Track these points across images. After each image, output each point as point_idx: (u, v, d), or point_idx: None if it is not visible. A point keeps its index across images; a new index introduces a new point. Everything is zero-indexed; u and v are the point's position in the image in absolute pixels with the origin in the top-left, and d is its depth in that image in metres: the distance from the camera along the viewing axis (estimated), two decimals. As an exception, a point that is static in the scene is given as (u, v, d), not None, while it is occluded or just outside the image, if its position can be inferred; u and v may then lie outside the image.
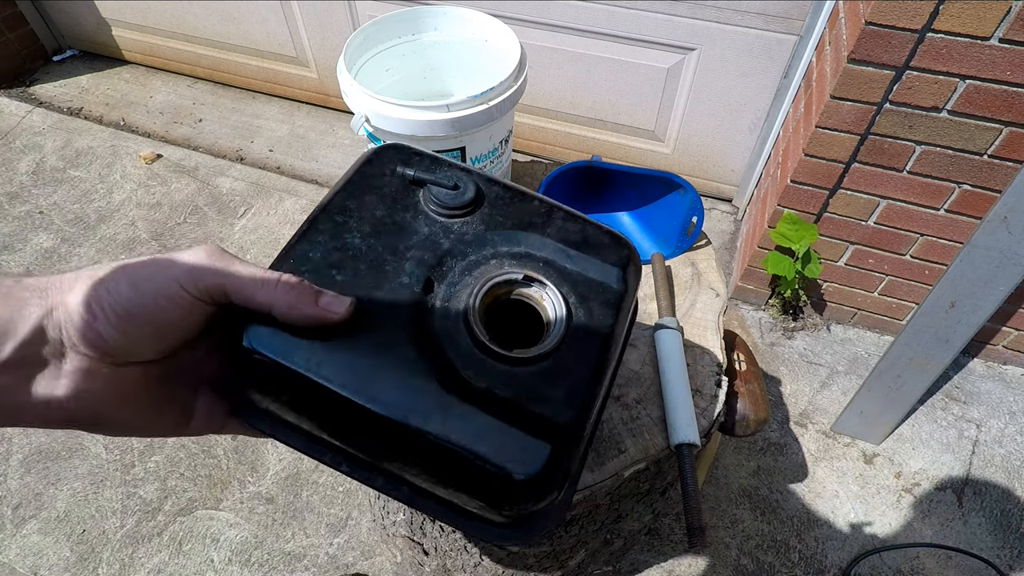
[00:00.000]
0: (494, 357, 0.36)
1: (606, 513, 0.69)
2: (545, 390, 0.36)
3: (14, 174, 1.97)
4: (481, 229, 0.41)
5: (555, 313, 0.39)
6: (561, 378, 0.36)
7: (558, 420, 0.35)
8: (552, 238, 0.42)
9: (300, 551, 1.24)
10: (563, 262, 0.41)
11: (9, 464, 1.36)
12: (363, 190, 0.42)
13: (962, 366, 1.56)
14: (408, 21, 0.88)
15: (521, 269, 0.40)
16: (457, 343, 0.36)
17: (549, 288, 0.39)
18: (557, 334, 0.38)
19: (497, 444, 0.33)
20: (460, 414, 0.33)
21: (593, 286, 0.41)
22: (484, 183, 0.44)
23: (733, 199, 1.90)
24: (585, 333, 0.38)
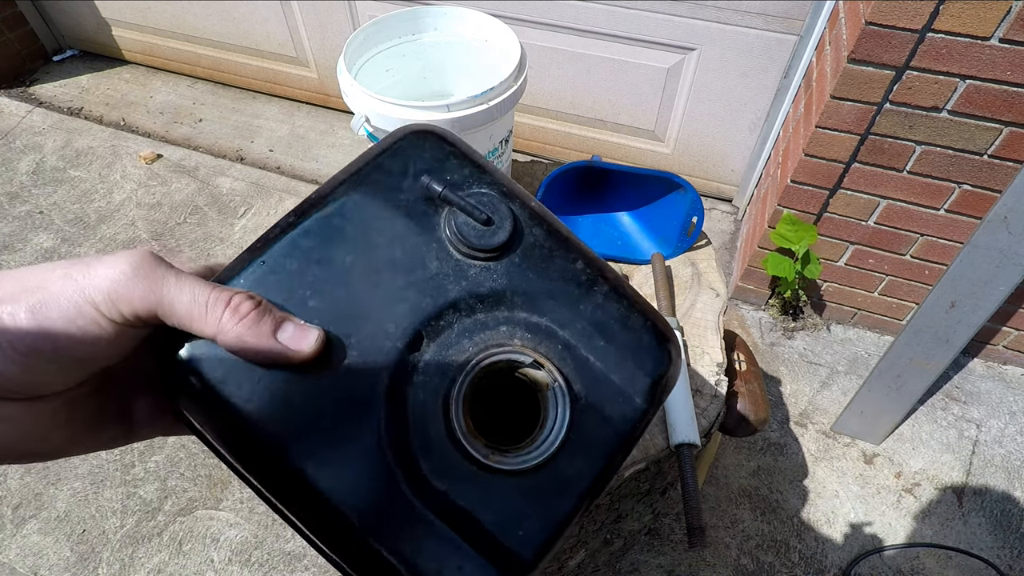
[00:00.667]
0: (466, 457, 0.29)
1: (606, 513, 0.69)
2: (511, 512, 0.28)
3: (14, 174, 1.97)
4: (502, 283, 0.32)
5: (555, 416, 0.31)
6: (540, 503, 0.29)
7: (524, 556, 0.28)
8: (585, 318, 0.33)
9: (300, 551, 1.24)
10: (587, 351, 0.32)
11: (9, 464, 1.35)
12: (374, 190, 0.33)
13: (962, 366, 1.56)
14: (408, 21, 0.88)
15: (534, 348, 0.31)
16: (427, 429, 0.29)
17: (559, 383, 0.31)
18: (550, 445, 0.30)
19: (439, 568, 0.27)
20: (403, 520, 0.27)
21: (613, 394, 0.32)
22: (526, 220, 0.34)
23: (733, 199, 1.90)
24: (583, 452, 0.30)
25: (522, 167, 1.00)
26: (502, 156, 0.86)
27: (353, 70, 0.82)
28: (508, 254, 0.33)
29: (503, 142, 0.84)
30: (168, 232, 1.82)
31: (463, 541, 0.28)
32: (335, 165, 2.03)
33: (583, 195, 0.88)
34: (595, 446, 0.31)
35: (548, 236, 0.34)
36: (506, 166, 0.90)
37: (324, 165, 2.04)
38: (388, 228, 0.32)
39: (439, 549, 0.27)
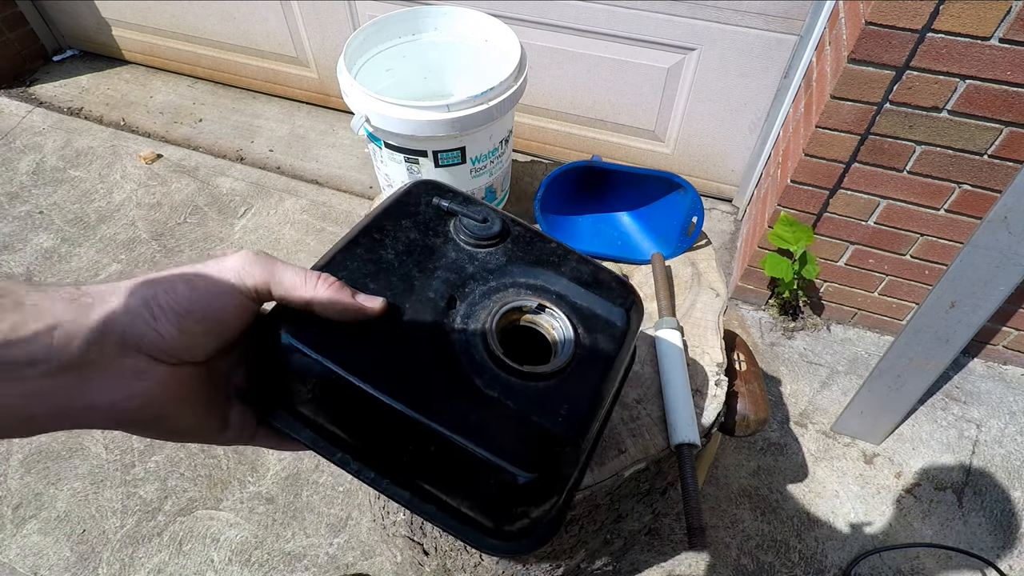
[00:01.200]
0: (505, 370, 0.39)
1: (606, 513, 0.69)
2: (549, 405, 0.38)
3: (14, 174, 1.97)
4: (503, 261, 0.45)
5: (563, 339, 0.42)
6: (564, 396, 0.39)
7: (559, 433, 0.37)
8: (566, 276, 0.46)
9: (300, 551, 1.24)
10: (574, 298, 0.45)
11: (9, 464, 1.36)
12: (399, 215, 0.46)
13: (962, 366, 1.56)
14: (408, 21, 0.88)
15: (536, 298, 0.43)
16: (472, 355, 0.39)
17: (559, 317, 0.43)
18: (564, 357, 0.41)
19: (502, 448, 0.35)
20: (471, 417, 0.36)
21: (599, 322, 0.44)
22: (509, 222, 0.48)
23: (733, 199, 1.90)
24: (589, 360, 0.42)
25: (522, 167, 1.00)
26: (502, 156, 0.86)
27: (353, 70, 0.82)
28: (503, 242, 0.46)
29: (503, 142, 0.84)
30: (168, 232, 1.82)
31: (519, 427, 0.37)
32: (335, 165, 2.03)
33: (583, 195, 0.88)
34: (597, 356, 0.42)
35: (526, 231, 0.48)
36: (506, 166, 0.90)
37: (324, 165, 2.04)
38: (415, 235, 0.45)
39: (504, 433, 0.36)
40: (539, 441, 0.37)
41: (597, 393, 0.41)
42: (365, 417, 0.37)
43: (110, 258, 1.75)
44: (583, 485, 0.60)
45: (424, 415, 0.35)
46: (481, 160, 0.82)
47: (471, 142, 0.78)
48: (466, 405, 0.36)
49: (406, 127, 0.74)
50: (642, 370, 0.70)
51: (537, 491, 0.36)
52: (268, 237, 1.81)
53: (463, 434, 0.35)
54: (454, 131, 0.74)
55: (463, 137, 0.77)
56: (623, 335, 0.44)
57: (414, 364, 0.37)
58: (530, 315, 0.43)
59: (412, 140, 0.77)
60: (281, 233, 1.82)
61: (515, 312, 0.43)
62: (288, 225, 1.85)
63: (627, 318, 0.45)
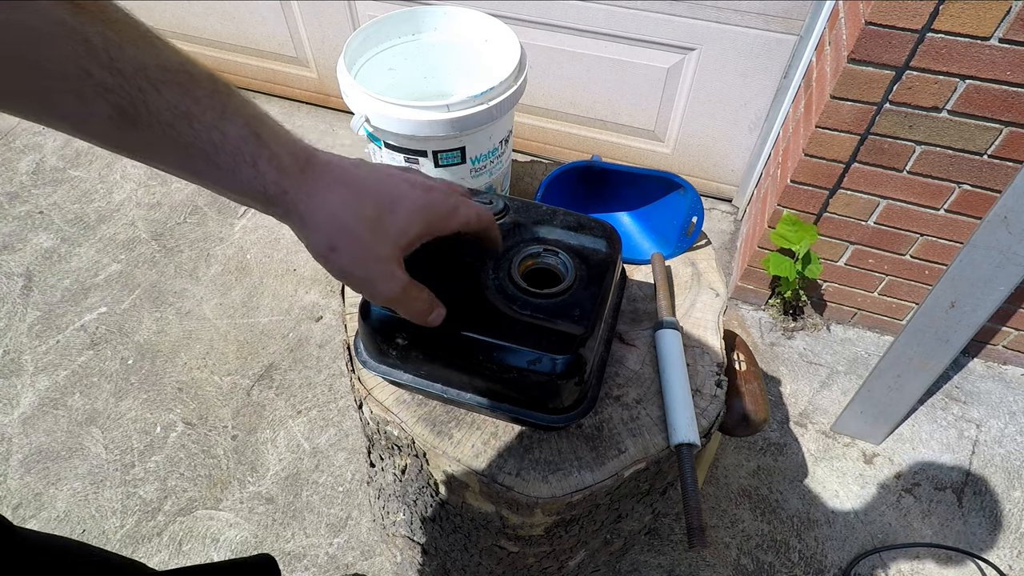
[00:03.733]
0: (531, 295, 0.54)
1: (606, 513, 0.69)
2: (566, 311, 0.54)
3: (14, 174, 1.97)
4: (510, 226, 0.60)
5: (566, 268, 0.57)
6: (575, 303, 0.55)
7: (575, 331, 0.53)
8: (559, 226, 0.61)
9: (300, 551, 1.24)
10: (568, 240, 0.60)
11: (9, 464, 1.35)
12: None
13: (962, 366, 1.56)
14: (408, 21, 0.88)
15: (541, 245, 0.59)
16: (506, 291, 0.55)
17: (561, 255, 0.58)
18: (569, 280, 0.56)
19: (540, 343, 0.52)
20: (515, 329, 0.52)
21: (589, 252, 0.59)
22: (507, 199, 0.62)
23: (733, 199, 1.90)
24: (587, 278, 0.57)
25: (522, 167, 1.00)
26: (502, 156, 0.86)
27: (353, 70, 0.82)
28: (506, 215, 0.61)
29: (503, 142, 0.84)
30: (168, 232, 1.82)
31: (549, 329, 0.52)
32: (335, 165, 2.03)
33: (583, 195, 0.88)
34: (592, 274, 0.57)
35: (522, 203, 0.63)
36: (506, 166, 0.90)
37: (324, 165, 2.03)
38: None
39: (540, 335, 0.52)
40: (564, 335, 0.52)
41: (597, 296, 0.55)
42: (445, 348, 0.54)
43: (110, 258, 1.75)
44: (583, 485, 0.60)
45: (486, 335, 0.52)
46: (481, 160, 0.82)
47: (471, 142, 0.78)
48: (510, 323, 0.52)
49: (406, 127, 0.74)
50: (642, 370, 0.70)
51: (571, 370, 0.53)
52: (268, 237, 1.81)
53: (513, 340, 0.52)
54: (454, 131, 0.74)
55: (463, 137, 0.77)
56: (608, 256, 0.59)
57: (471, 306, 0.53)
58: (540, 258, 0.58)
59: (412, 140, 0.77)
60: (281, 233, 1.82)
61: (529, 258, 0.58)
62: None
63: (608, 244, 0.60)
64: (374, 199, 0.38)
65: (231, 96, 0.33)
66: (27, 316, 1.62)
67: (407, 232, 0.40)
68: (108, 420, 1.43)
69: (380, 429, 0.67)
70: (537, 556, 0.74)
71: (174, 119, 0.30)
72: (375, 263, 0.38)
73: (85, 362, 1.53)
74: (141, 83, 0.29)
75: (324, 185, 0.36)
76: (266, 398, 1.47)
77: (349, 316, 0.73)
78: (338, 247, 0.37)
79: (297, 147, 0.36)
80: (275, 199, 0.35)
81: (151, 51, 0.29)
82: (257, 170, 0.33)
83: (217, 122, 0.31)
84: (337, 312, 1.62)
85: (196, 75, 0.31)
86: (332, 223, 0.36)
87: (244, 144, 0.33)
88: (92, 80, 0.27)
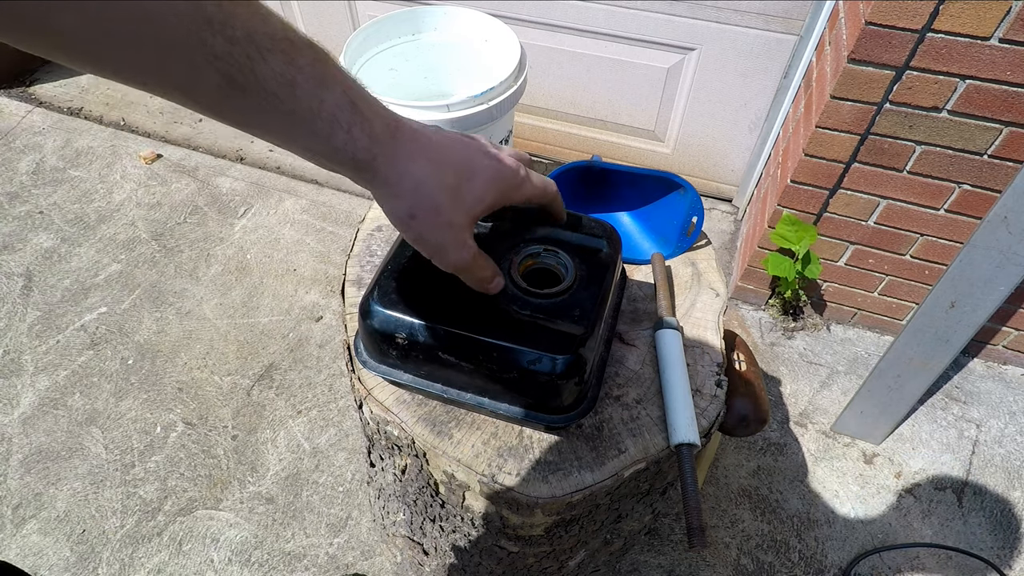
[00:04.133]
0: (531, 296, 0.55)
1: (606, 513, 0.69)
2: (566, 311, 0.54)
3: (14, 174, 1.97)
4: (510, 227, 0.60)
5: (566, 268, 0.57)
6: (575, 304, 0.55)
7: (575, 331, 0.53)
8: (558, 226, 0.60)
9: (300, 551, 1.24)
10: (567, 239, 0.60)
11: (9, 464, 1.36)
12: None
13: (962, 366, 1.56)
14: (408, 21, 0.88)
15: (541, 245, 0.59)
16: (506, 292, 0.54)
17: (561, 254, 0.58)
18: (569, 280, 0.56)
19: (541, 343, 0.52)
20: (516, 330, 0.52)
21: (589, 251, 0.59)
22: None
23: (733, 199, 1.90)
24: (587, 278, 0.57)
25: (522, 167, 1.00)
26: (502, 156, 0.86)
27: (353, 70, 0.82)
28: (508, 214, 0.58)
29: (503, 142, 0.84)
30: (168, 232, 1.82)
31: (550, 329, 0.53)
32: (335, 165, 2.03)
33: (583, 195, 0.88)
34: (592, 274, 0.57)
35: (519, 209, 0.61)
36: (506, 166, 0.90)
37: (324, 165, 2.03)
38: None
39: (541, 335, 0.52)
40: (564, 335, 0.52)
41: (597, 296, 0.56)
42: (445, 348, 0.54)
43: (110, 258, 1.75)
44: (584, 485, 0.60)
45: (486, 335, 0.52)
46: (481, 160, 0.82)
47: (471, 142, 0.78)
48: (510, 323, 0.53)
49: (406, 127, 0.74)
50: (642, 370, 0.70)
51: (571, 370, 0.52)
52: (268, 237, 1.81)
53: (514, 340, 0.52)
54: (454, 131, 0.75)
55: (463, 137, 0.77)
56: (607, 256, 0.59)
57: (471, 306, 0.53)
58: (540, 258, 0.58)
59: (412, 140, 0.77)
60: (281, 233, 1.82)
61: (529, 258, 0.58)
62: (288, 225, 1.85)
63: (609, 244, 0.60)
64: (454, 168, 0.40)
65: (329, 64, 0.34)
66: (27, 316, 1.62)
67: (482, 200, 0.41)
68: (108, 420, 1.43)
69: (380, 429, 0.67)
70: (537, 556, 0.74)
71: (278, 87, 0.31)
72: (449, 231, 0.40)
73: (85, 362, 1.53)
74: (250, 51, 0.30)
75: (408, 154, 0.38)
76: (266, 398, 1.47)
77: (349, 316, 0.73)
78: (417, 215, 0.39)
79: (388, 115, 0.37)
80: (365, 164, 0.37)
81: (258, 19, 0.30)
82: (351, 135, 0.35)
83: (318, 90, 0.33)
84: (337, 312, 1.62)
85: (298, 43, 0.32)
86: (416, 192, 0.38)
87: (340, 111, 0.34)
88: (205, 48, 0.28)
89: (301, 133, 0.34)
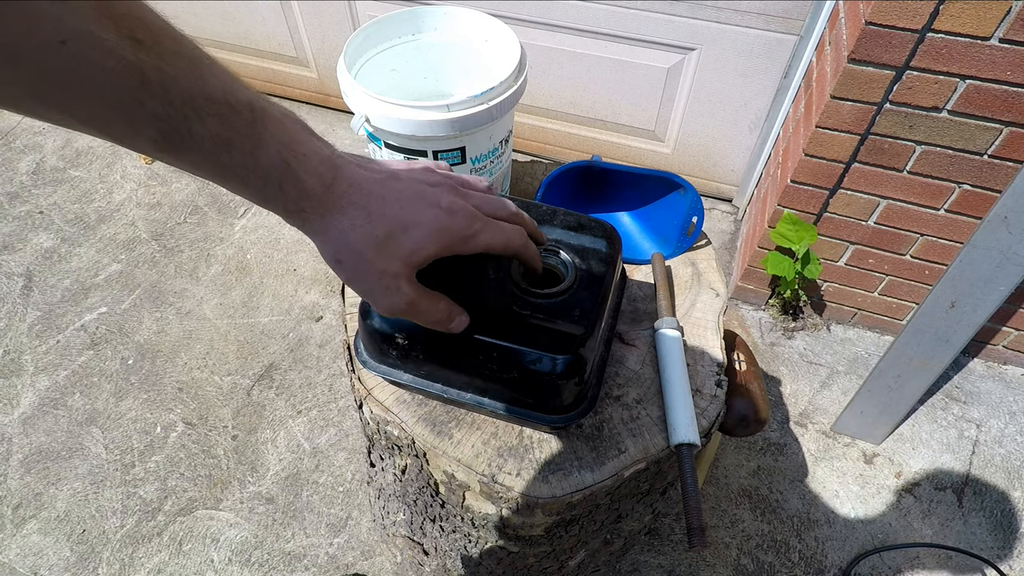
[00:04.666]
0: (532, 296, 0.54)
1: (606, 513, 0.69)
2: (566, 311, 0.54)
3: (14, 174, 1.97)
4: None
5: (566, 268, 0.57)
6: (575, 304, 0.54)
7: (576, 331, 0.53)
8: (559, 226, 0.61)
9: (300, 551, 1.24)
10: (568, 239, 0.60)
11: (9, 464, 1.36)
12: None
13: (962, 366, 1.56)
14: (408, 21, 0.88)
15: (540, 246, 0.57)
16: (507, 292, 0.54)
17: (561, 254, 0.58)
18: (569, 280, 0.56)
19: (541, 343, 0.52)
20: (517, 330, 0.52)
21: (589, 251, 0.59)
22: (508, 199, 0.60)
23: (733, 199, 1.90)
24: (588, 278, 0.56)
25: (522, 167, 1.00)
26: (502, 156, 0.86)
27: (353, 70, 0.82)
28: None
29: (503, 142, 0.84)
30: (168, 232, 1.82)
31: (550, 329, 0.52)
32: (335, 165, 2.03)
33: (583, 195, 0.88)
34: (592, 274, 0.57)
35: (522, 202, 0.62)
36: (506, 166, 0.90)
37: (324, 165, 2.03)
38: None
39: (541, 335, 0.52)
40: (564, 335, 0.52)
41: (597, 296, 0.56)
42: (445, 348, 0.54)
43: (110, 258, 1.75)
44: (584, 485, 0.60)
45: (486, 335, 0.51)
46: (481, 160, 0.82)
47: (471, 142, 0.78)
48: (510, 323, 0.52)
49: (406, 127, 0.74)
50: (642, 370, 0.70)
51: (571, 369, 0.53)
52: (268, 237, 1.81)
53: (514, 340, 0.51)
54: (454, 131, 0.74)
55: (463, 137, 0.77)
56: (608, 256, 0.59)
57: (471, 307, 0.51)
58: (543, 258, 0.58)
59: (412, 140, 0.77)
60: (281, 233, 1.82)
61: None
62: (288, 225, 1.84)
63: (609, 244, 0.60)
64: (389, 220, 0.40)
65: (267, 124, 0.35)
66: (27, 316, 1.62)
67: (419, 252, 0.42)
68: (108, 420, 1.43)
69: (380, 429, 0.67)
70: (537, 556, 0.74)
71: (214, 147, 0.33)
72: (379, 278, 0.41)
73: (85, 362, 1.53)
74: (188, 113, 0.31)
75: (339, 207, 0.39)
76: (266, 398, 1.47)
77: (349, 316, 0.73)
78: (343, 261, 0.40)
79: (325, 167, 0.38)
80: (294, 214, 0.39)
81: (199, 82, 0.32)
82: (283, 191, 0.37)
83: (253, 150, 0.35)
84: (337, 312, 1.62)
85: (236, 105, 0.34)
86: (341, 240, 0.40)
87: (273, 170, 0.36)
88: (144, 110, 0.30)
89: (235, 185, 0.36)
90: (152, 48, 0.30)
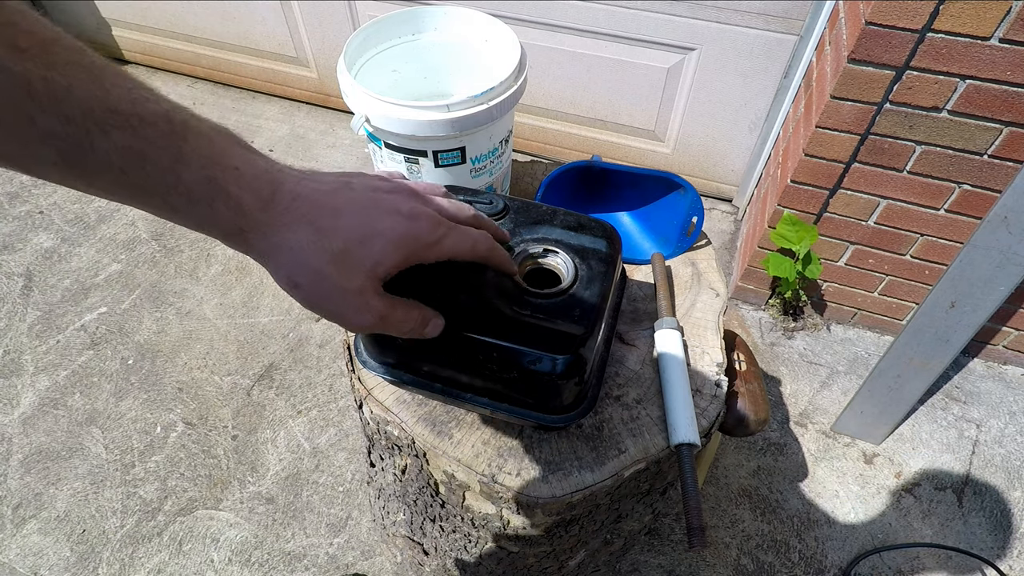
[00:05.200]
0: (531, 296, 0.54)
1: (606, 513, 0.69)
2: (566, 311, 0.53)
3: (14, 174, 1.97)
4: (510, 228, 0.60)
5: (566, 268, 0.57)
6: (575, 304, 0.54)
7: (576, 331, 0.52)
8: (559, 226, 0.61)
9: (300, 551, 1.24)
10: (568, 239, 0.60)
11: (9, 464, 1.36)
12: None
13: (962, 366, 1.56)
14: (408, 21, 0.88)
15: (541, 245, 0.58)
16: (507, 292, 0.54)
17: (561, 254, 0.58)
18: (569, 280, 0.56)
19: (541, 343, 0.51)
20: (517, 330, 0.52)
21: (589, 251, 0.59)
22: (507, 200, 0.62)
23: (733, 199, 1.90)
24: (588, 278, 0.56)
25: (522, 167, 1.00)
26: (502, 156, 0.86)
27: (353, 70, 0.82)
28: (507, 215, 0.61)
29: (503, 142, 0.84)
30: (168, 232, 1.82)
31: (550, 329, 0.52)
32: (335, 165, 2.03)
33: (583, 195, 0.88)
34: (592, 274, 0.57)
35: (522, 203, 0.63)
36: (506, 166, 0.90)
37: (324, 165, 2.03)
38: None
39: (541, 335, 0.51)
40: (564, 335, 0.52)
41: (597, 296, 0.55)
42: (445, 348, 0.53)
43: (110, 258, 1.75)
44: (584, 485, 0.60)
45: (486, 335, 0.51)
46: (481, 160, 0.82)
47: (471, 142, 0.78)
48: (510, 323, 0.52)
49: (406, 127, 0.74)
50: (642, 370, 0.70)
51: (571, 369, 0.53)
52: (268, 237, 1.81)
53: (514, 340, 0.51)
54: (454, 131, 0.74)
55: (463, 137, 0.77)
56: (608, 256, 0.59)
57: (471, 307, 0.52)
58: (540, 258, 0.58)
59: (412, 140, 0.77)
60: (281, 233, 1.82)
61: (529, 259, 0.58)
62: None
63: (609, 244, 0.60)
64: (344, 233, 0.37)
65: (188, 137, 0.32)
66: (27, 316, 1.62)
67: (383, 263, 0.38)
68: (108, 420, 1.43)
69: (380, 429, 0.67)
70: (537, 556, 0.74)
71: (124, 163, 0.29)
72: (342, 296, 0.37)
73: (85, 362, 1.53)
74: (89, 126, 0.28)
75: (285, 224, 0.35)
76: (266, 398, 1.47)
77: (349, 316, 0.73)
78: (300, 283, 0.36)
79: (262, 182, 0.35)
80: (233, 236, 0.35)
81: (99, 92, 0.28)
82: (213, 210, 0.33)
83: (172, 165, 0.31)
84: (337, 312, 1.62)
85: (148, 117, 0.30)
86: (293, 261, 0.35)
87: (198, 186, 0.32)
88: (36, 127, 0.27)
89: (158, 207, 0.32)
90: (39, 58, 0.26)
